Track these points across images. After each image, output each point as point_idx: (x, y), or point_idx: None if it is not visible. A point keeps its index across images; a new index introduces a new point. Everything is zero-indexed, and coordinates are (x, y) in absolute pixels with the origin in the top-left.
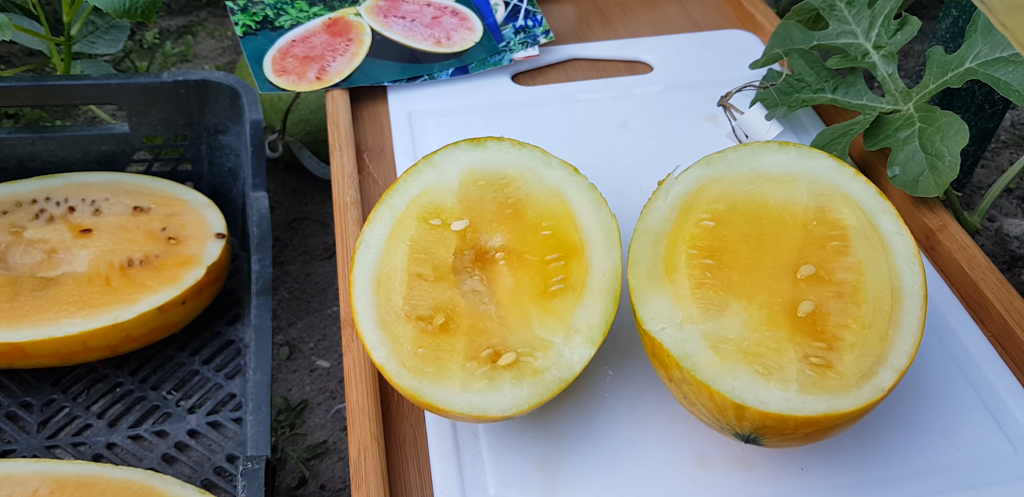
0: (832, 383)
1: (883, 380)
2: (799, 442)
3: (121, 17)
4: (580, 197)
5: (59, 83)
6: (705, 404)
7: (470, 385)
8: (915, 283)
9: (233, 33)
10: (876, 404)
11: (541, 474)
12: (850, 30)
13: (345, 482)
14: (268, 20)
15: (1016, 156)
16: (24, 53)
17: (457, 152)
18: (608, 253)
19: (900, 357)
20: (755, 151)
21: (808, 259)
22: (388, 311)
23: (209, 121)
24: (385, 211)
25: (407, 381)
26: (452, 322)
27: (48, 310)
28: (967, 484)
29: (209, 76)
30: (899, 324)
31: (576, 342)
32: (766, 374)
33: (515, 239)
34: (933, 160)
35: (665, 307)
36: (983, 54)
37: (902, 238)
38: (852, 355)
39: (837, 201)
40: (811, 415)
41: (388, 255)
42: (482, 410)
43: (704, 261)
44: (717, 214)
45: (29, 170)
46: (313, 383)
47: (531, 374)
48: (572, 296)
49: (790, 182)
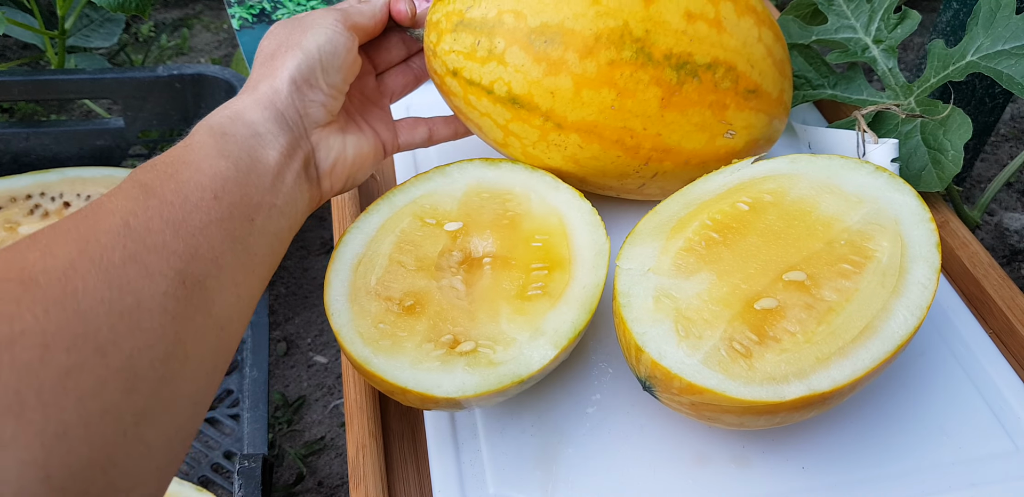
0: (736, 369)
1: (787, 390)
2: (688, 410)
3: (115, 10)
4: (579, 219)
5: (53, 77)
6: (620, 338)
7: (421, 363)
8: (899, 331)
9: (229, 25)
10: (771, 409)
11: (540, 472)
12: (849, 24)
13: (343, 478)
14: (265, 13)
15: (1016, 150)
16: (18, 47)
17: (469, 167)
18: (594, 270)
19: (823, 381)
20: (847, 165)
21: (806, 268)
22: (360, 287)
23: (205, 115)
24: (384, 205)
25: (358, 349)
26: (419, 306)
27: None
28: (968, 482)
29: (204, 70)
30: (849, 355)
31: (540, 343)
32: (683, 336)
33: (504, 247)
34: (936, 154)
35: (646, 253)
36: (985, 47)
37: (923, 291)
38: (775, 357)
39: (884, 235)
40: (695, 383)
41: (375, 241)
42: (426, 388)
43: (710, 233)
44: (757, 203)
45: (24, 165)
46: (311, 379)
47: (486, 364)
48: (547, 302)
49: (855, 202)
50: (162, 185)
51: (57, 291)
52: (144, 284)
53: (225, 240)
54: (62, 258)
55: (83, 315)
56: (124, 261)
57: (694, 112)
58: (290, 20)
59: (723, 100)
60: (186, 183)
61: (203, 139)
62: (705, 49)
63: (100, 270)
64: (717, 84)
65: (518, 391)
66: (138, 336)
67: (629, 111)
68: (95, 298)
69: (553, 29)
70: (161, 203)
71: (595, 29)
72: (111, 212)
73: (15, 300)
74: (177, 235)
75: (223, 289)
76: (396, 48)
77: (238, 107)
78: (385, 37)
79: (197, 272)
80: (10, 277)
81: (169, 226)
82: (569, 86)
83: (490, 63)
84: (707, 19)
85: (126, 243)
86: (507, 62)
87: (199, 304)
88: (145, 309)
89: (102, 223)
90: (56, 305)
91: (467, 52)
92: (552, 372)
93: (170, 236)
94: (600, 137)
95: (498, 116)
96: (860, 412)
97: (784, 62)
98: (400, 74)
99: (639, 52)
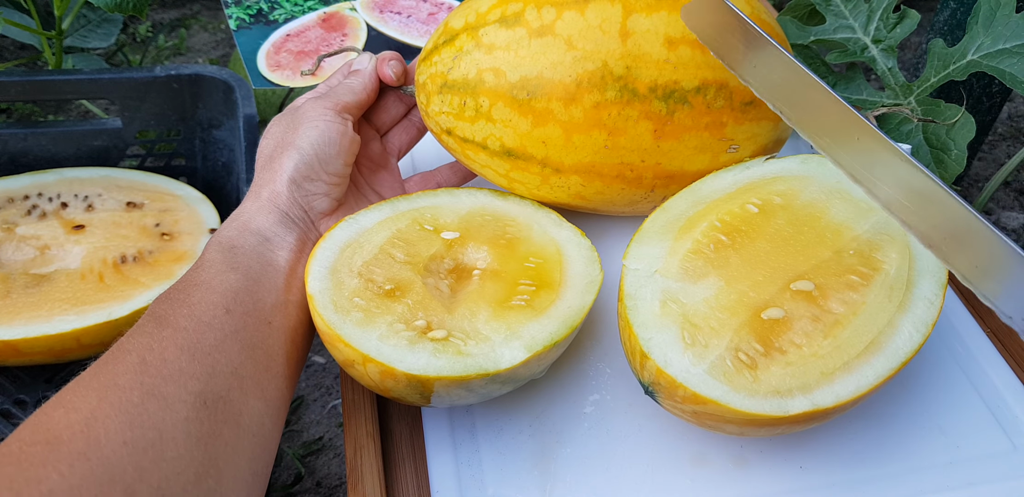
0: (741, 381)
1: (791, 404)
2: (690, 418)
3: (113, 11)
4: (577, 253)
5: (51, 78)
6: (624, 341)
7: (389, 338)
8: (904, 348)
9: (227, 25)
10: (774, 422)
11: (538, 472)
12: (847, 24)
13: (341, 478)
14: (262, 14)
15: (1013, 149)
16: (15, 47)
17: (478, 193)
18: (583, 295)
19: (827, 397)
20: None
21: (814, 277)
22: (344, 266)
23: (203, 116)
24: (386, 206)
25: (329, 314)
26: (399, 292)
27: (41, 307)
28: (966, 481)
29: (202, 70)
30: (854, 371)
31: (513, 345)
32: (689, 344)
33: (497, 262)
34: (939, 154)
35: (654, 254)
36: (985, 46)
37: (929, 306)
38: (781, 370)
39: (892, 246)
40: (700, 393)
41: (370, 233)
42: (388, 360)
43: (719, 235)
44: (768, 204)
45: (21, 165)
46: (309, 379)
47: (454, 352)
48: (529, 314)
49: (865, 210)
50: (175, 312)
51: (80, 444)
52: (164, 416)
53: (243, 350)
54: (84, 410)
55: (106, 461)
56: (143, 398)
57: (690, 137)
58: (283, 115)
59: (719, 119)
60: (197, 305)
61: (213, 256)
62: (691, 73)
63: (120, 413)
64: (710, 105)
65: (483, 388)
66: (164, 467)
67: (623, 148)
68: (117, 441)
69: (533, 82)
70: (175, 331)
71: (574, 75)
72: (128, 351)
73: (42, 462)
74: (193, 359)
75: (247, 398)
76: (394, 106)
77: (244, 217)
78: (381, 98)
79: (217, 389)
80: (37, 440)
81: (184, 352)
82: (559, 134)
83: (479, 121)
84: (689, 41)
85: (143, 379)
86: (495, 119)
87: (224, 419)
88: (168, 439)
89: (120, 365)
90: (80, 458)
91: (455, 112)
92: (550, 372)
93: (186, 362)
94: (600, 175)
95: (497, 167)
96: (858, 412)
97: None
98: (403, 131)
99: (623, 90)
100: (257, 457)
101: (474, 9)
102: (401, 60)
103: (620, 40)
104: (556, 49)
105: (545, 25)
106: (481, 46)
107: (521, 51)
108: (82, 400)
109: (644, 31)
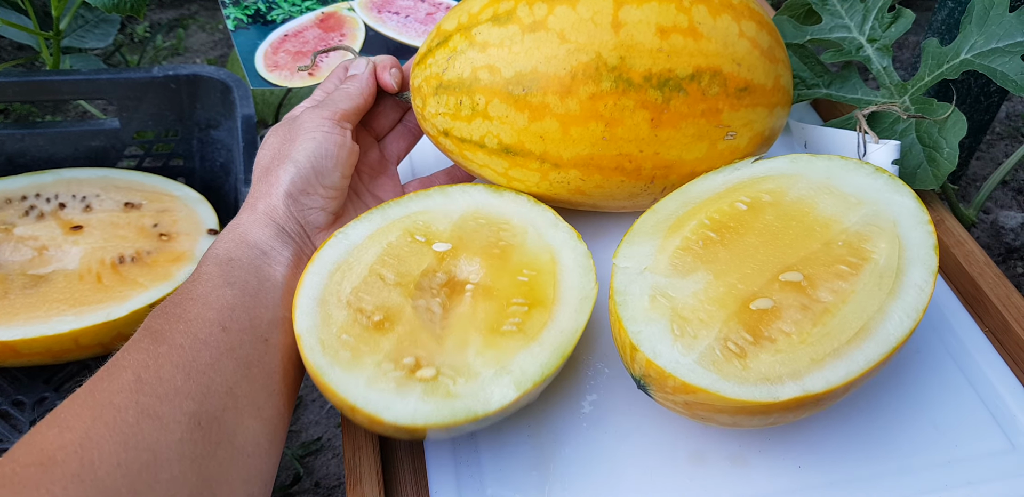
0: (730, 369)
1: (782, 391)
2: (682, 410)
3: (110, 11)
4: (572, 261)
5: (48, 78)
6: (615, 336)
7: (376, 382)
8: (894, 333)
9: (225, 25)
10: (765, 409)
11: (537, 472)
12: (843, 24)
13: (340, 479)
14: (260, 14)
15: (1011, 148)
16: (13, 48)
17: (472, 191)
18: (576, 314)
19: (817, 382)
20: (847, 166)
21: (802, 268)
22: (332, 293)
23: (200, 116)
24: (377, 214)
25: (316, 357)
26: (388, 323)
27: (39, 308)
28: (964, 480)
29: (200, 71)
30: (844, 356)
31: (503, 382)
32: (678, 335)
33: (490, 275)
34: (931, 152)
35: (644, 252)
36: (979, 45)
37: (920, 293)
38: (770, 358)
39: (882, 236)
40: (689, 383)
41: (360, 250)
42: (376, 410)
43: (708, 232)
44: (756, 202)
45: (19, 166)
46: (307, 379)
47: (443, 395)
48: (520, 340)
49: (854, 204)
50: (171, 328)
51: (74, 465)
52: (159, 437)
53: (238, 369)
54: (78, 430)
55: (100, 483)
56: (138, 418)
57: (687, 124)
58: (281, 125)
59: (715, 106)
60: (194, 321)
61: (210, 269)
62: (685, 61)
63: (115, 433)
64: (705, 92)
65: (473, 428)
66: (158, 489)
67: (621, 138)
68: (111, 463)
69: (528, 76)
70: (170, 348)
71: (569, 68)
72: (123, 368)
73: (35, 485)
74: (189, 377)
75: (242, 418)
76: (391, 111)
77: (241, 230)
78: (378, 103)
79: (212, 408)
80: (30, 462)
81: (180, 370)
82: (556, 128)
83: (476, 120)
84: (681, 30)
85: (138, 398)
86: (491, 116)
87: (218, 439)
88: (163, 460)
89: (115, 382)
90: (74, 480)
91: (452, 113)
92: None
93: (181, 380)
94: (599, 168)
95: (496, 166)
96: (856, 410)
97: (774, 48)
98: (400, 136)
99: (618, 80)
100: (252, 478)
101: (466, 10)
102: (400, 67)
103: (613, 31)
104: (549, 43)
105: (537, 20)
106: (475, 45)
107: (515, 47)
108: (76, 419)
109: (636, 21)
